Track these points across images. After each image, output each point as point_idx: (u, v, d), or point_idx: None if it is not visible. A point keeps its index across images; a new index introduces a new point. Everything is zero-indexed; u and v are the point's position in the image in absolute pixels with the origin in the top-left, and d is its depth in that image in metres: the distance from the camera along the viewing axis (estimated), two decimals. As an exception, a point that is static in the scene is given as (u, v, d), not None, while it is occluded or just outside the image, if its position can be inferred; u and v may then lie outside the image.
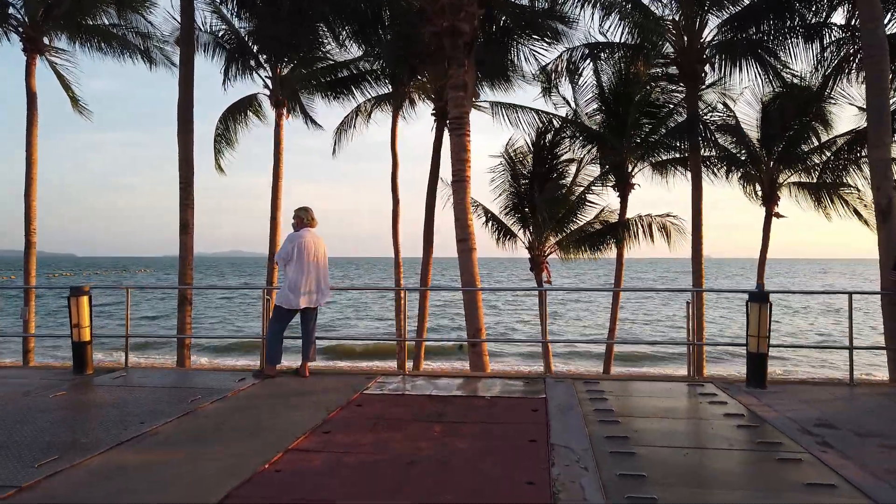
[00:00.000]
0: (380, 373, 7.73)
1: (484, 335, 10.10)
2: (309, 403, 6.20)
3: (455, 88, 10.24)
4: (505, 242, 17.59)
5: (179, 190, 12.10)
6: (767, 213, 16.40)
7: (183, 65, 12.47)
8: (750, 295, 6.92)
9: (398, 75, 16.66)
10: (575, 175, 17.23)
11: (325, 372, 7.97)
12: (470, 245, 10.22)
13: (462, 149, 10.27)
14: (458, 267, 10.23)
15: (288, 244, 7.52)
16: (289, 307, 7.43)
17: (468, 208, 10.33)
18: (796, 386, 7.00)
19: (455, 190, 10.36)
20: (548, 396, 6.47)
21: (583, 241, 17.15)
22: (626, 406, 6.07)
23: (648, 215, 16.97)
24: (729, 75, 15.95)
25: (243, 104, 18.53)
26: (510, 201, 17.40)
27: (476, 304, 10.03)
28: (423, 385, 7.11)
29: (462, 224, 10.27)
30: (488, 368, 10.03)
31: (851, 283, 78.73)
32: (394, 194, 17.79)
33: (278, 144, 17.84)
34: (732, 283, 79.36)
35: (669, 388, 6.93)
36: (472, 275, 10.11)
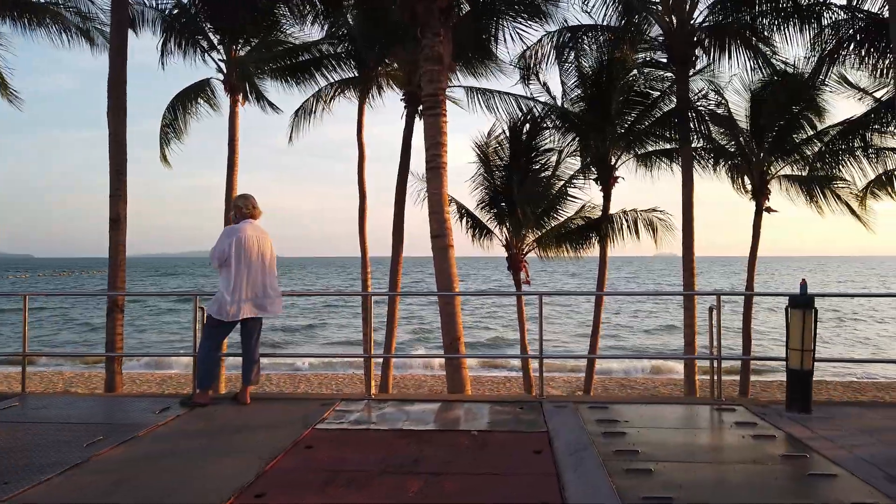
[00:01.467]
0: (339, 397, 6.28)
1: (463, 346, 8.75)
2: (242, 446, 4.72)
3: (429, 61, 8.83)
4: (481, 240, 16.26)
5: (110, 178, 10.44)
6: (758, 207, 15.36)
7: (114, 32, 10.80)
8: (791, 300, 5.65)
9: (365, 58, 15.15)
10: (555, 167, 15.96)
11: (272, 397, 6.48)
12: (447, 241, 8.83)
13: (438, 131, 8.87)
14: (434, 267, 8.84)
15: (224, 239, 6.02)
16: (225, 318, 5.93)
17: (445, 200, 8.94)
18: (845, 409, 5.76)
19: (430, 179, 8.96)
20: (550, 430, 5.10)
21: (564, 238, 15.90)
22: (651, 443, 4.73)
23: (634, 210, 15.80)
24: (718, 61, 14.86)
25: (194, 90, 16.77)
26: (486, 195, 16.06)
27: (454, 311, 8.65)
28: (392, 414, 5.67)
29: (438, 218, 8.87)
30: (468, 386, 8.68)
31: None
32: (360, 189, 16.26)
33: (233, 134, 16.16)
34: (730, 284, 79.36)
35: (695, 414, 5.62)
36: (450, 276, 8.73)
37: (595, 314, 15.68)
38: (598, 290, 15.92)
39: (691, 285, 13.38)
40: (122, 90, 10.71)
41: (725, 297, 58.55)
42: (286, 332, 33.46)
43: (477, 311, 42.50)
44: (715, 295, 6.08)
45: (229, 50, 15.93)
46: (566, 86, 15.57)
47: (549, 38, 15.27)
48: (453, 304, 8.74)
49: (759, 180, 15.35)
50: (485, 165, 16.00)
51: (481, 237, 16.30)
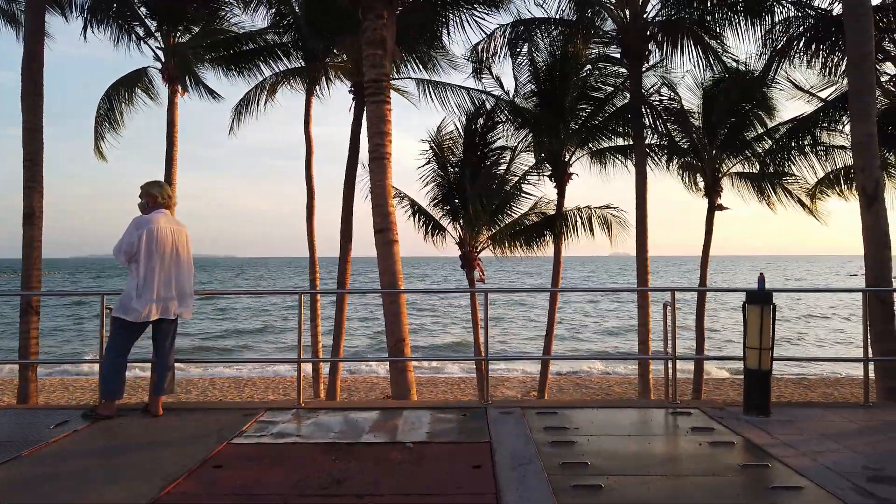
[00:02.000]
0: (265, 406, 5.67)
1: (409, 347, 8.21)
2: (141, 467, 4.09)
3: (371, 45, 8.25)
4: (433, 237, 15.75)
5: (23, 169, 9.53)
6: (710, 204, 15.26)
7: (30, 13, 9.90)
8: (748, 295, 5.30)
9: (313, 48, 14.45)
10: (509, 163, 15.57)
11: (189, 407, 5.82)
12: (391, 237, 8.27)
13: (381, 119, 8.31)
14: (378, 264, 8.29)
15: (133, 231, 5.34)
16: (134, 319, 5.26)
17: (389, 192, 8.38)
18: (805, 410, 5.44)
19: (373, 170, 8.39)
20: (493, 440, 4.61)
21: (518, 235, 15.52)
22: (603, 453, 4.29)
23: (588, 207, 15.53)
24: (671, 57, 14.70)
25: (131, 79, 15.82)
26: (439, 191, 15.56)
27: (399, 310, 8.11)
28: (322, 425, 5.10)
29: (382, 211, 8.31)
30: (414, 390, 8.14)
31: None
32: (308, 186, 15.57)
33: (172, 126, 15.27)
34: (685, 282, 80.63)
35: (649, 419, 5.22)
36: (395, 273, 8.18)
37: (549, 313, 15.35)
38: (552, 287, 15.59)
39: (645, 283, 13.14)
40: (39, 75, 9.83)
41: (680, 294, 61.31)
42: (237, 335, 32.28)
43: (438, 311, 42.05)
44: (669, 291, 5.70)
45: (167, 37, 15.05)
46: (519, 81, 15.20)
47: (501, 31, 14.88)
48: (398, 304, 8.19)
49: (711, 178, 15.26)
50: (438, 161, 15.52)
51: (434, 234, 15.80)
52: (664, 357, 5.83)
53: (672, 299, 5.63)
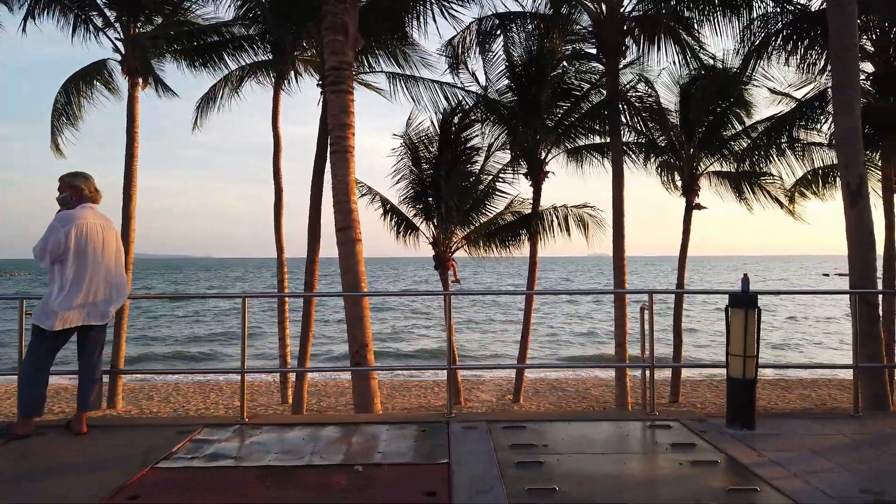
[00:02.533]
0: (204, 422, 5.11)
1: (372, 353, 7.68)
2: (47, 497, 3.52)
3: (332, 30, 7.72)
4: (406, 237, 15.25)
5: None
6: (688, 203, 14.96)
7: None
8: (731, 298, 4.88)
9: (280, 41, 13.85)
10: (485, 161, 15.12)
11: (118, 424, 5.25)
12: (353, 235, 7.74)
13: (343, 110, 7.78)
14: (339, 264, 7.75)
15: (59, 229, 4.75)
16: (53, 327, 4.68)
17: (352, 188, 7.86)
18: (791, 422, 5.03)
19: (334, 163, 7.86)
20: (452, 461, 4.11)
21: (493, 235, 15.07)
22: (574, 476, 3.82)
23: (564, 206, 15.14)
24: (648, 54, 14.37)
25: (90, 72, 15.09)
26: (412, 189, 15.07)
27: (362, 314, 7.58)
28: (264, 444, 4.56)
29: (344, 208, 7.78)
30: (378, 398, 7.62)
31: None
32: (276, 183, 14.96)
33: (132, 121, 14.57)
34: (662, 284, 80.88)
35: (625, 435, 4.76)
36: (357, 274, 7.66)
37: (525, 316, 14.94)
38: (528, 289, 15.16)
39: (622, 284, 12.76)
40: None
41: (658, 296, 60.30)
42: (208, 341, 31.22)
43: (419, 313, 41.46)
44: (647, 293, 5.25)
45: (127, 27, 14.36)
46: (493, 76, 14.77)
47: (477, 25, 14.43)
48: (360, 307, 7.67)
49: (688, 176, 14.97)
50: (411, 157, 15.02)
51: (407, 234, 15.30)
52: (641, 365, 5.38)
53: (650, 302, 5.19)
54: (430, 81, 13.48)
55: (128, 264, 14.52)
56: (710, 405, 13.31)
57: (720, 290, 5.42)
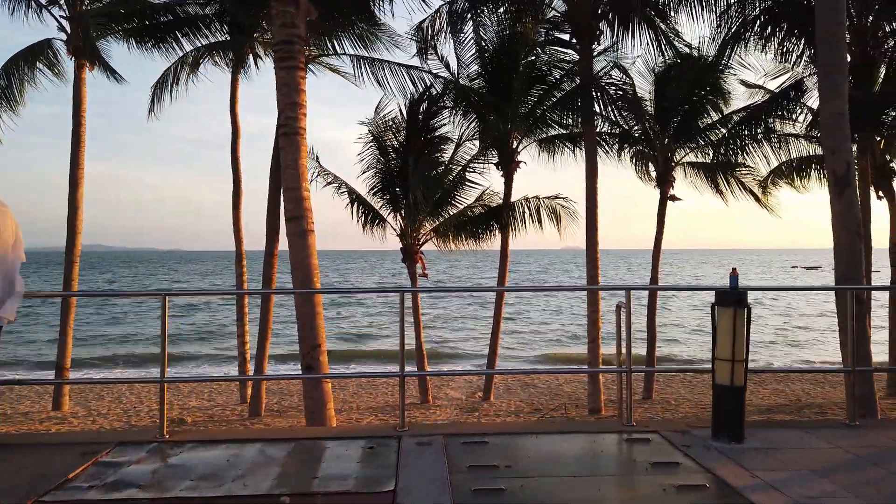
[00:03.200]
0: (116, 440, 4.40)
1: (325, 355, 7.01)
2: None
3: (282, 1, 7.00)
4: (373, 229, 14.56)
5: None
6: (662, 195, 14.51)
7: None
8: (718, 295, 4.32)
9: (240, 20, 12.98)
10: (454, 150, 14.49)
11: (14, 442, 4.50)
12: (305, 226, 7.05)
13: (294, 88, 7.07)
14: (290, 257, 7.06)
15: None
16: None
17: (303, 173, 7.16)
18: (782, 434, 4.50)
19: (283, 146, 7.15)
20: (399, 487, 3.49)
21: (463, 227, 14.46)
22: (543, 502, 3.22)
23: (536, 197, 14.58)
24: (622, 40, 13.85)
25: (32, 52, 14.06)
26: (379, 179, 14.38)
27: (314, 311, 6.91)
28: (181, 466, 3.88)
29: (294, 195, 7.08)
30: (330, 405, 6.95)
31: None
32: (235, 172, 14.12)
33: (79, 104, 13.64)
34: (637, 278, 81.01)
35: (600, 451, 4.18)
36: (309, 268, 6.98)
37: (495, 313, 14.38)
38: (499, 283, 14.59)
39: (595, 278, 12.26)
40: None
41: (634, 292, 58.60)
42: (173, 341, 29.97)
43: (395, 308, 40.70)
44: (624, 290, 4.67)
45: (73, 5, 13.39)
46: (463, 60, 14.11)
47: (448, 6, 13.76)
48: (313, 304, 7.00)
49: (663, 167, 14.51)
50: (378, 146, 14.32)
51: (374, 226, 14.60)
52: (617, 370, 4.81)
53: (627, 300, 4.61)
54: (397, 65, 12.75)
55: (74, 256, 13.61)
56: (685, 402, 12.90)
57: (706, 287, 4.90)
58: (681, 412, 11.89)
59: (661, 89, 14.27)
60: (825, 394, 14.14)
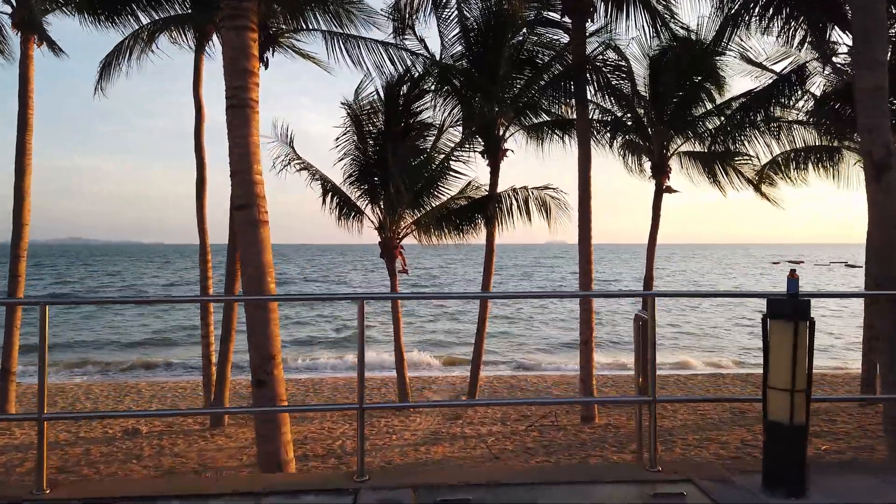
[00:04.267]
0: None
1: (281, 368, 5.88)
2: None
3: (228, -52, 5.87)
4: (349, 221, 13.43)
5: None
6: (657, 186, 13.53)
7: None
8: (772, 305, 3.28)
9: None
10: (437, 137, 13.38)
11: None
12: (256, 216, 5.93)
13: (243, 52, 5.92)
14: (239, 253, 5.92)
15: None
16: None
17: (255, 154, 6.03)
18: (851, 482, 3.48)
19: (231, 121, 6.01)
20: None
21: (446, 219, 13.37)
22: None
23: (525, 188, 13.51)
24: (616, 21, 12.80)
25: (-26, 27, 12.72)
26: (356, 168, 13.24)
27: (268, 317, 5.80)
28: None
29: (244, 179, 5.95)
30: (287, 427, 5.83)
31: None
32: (198, 158, 12.87)
33: (25, 83, 12.34)
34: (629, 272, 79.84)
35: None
36: (262, 266, 5.87)
37: (479, 317, 13.32)
38: (485, 280, 13.53)
39: (588, 272, 11.24)
40: None
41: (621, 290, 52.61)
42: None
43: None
44: (646, 297, 3.61)
45: (17, -26, 12.05)
46: (446, 40, 13.00)
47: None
48: (266, 309, 5.89)
49: (658, 156, 13.53)
50: (357, 131, 13.17)
51: (350, 218, 13.47)
52: (638, 400, 3.75)
53: (649, 308, 3.56)
54: (374, 42, 11.58)
55: (20, 250, 12.37)
56: (683, 408, 11.93)
57: (755, 293, 3.86)
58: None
59: (656, 74, 13.28)
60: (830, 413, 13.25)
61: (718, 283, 62.61)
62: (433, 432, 10.12)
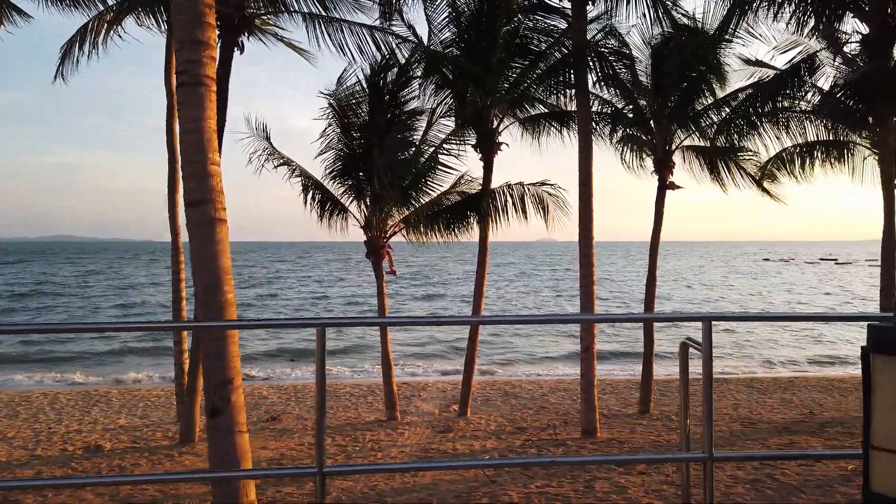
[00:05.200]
0: None
1: (241, 395, 4.92)
2: None
3: None
4: (332, 219, 12.50)
5: None
6: (661, 182, 12.69)
7: None
8: (876, 335, 2.39)
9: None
10: (426, 128, 12.47)
11: None
12: (212, 213, 4.97)
13: (195, 19, 4.95)
14: (191, 256, 4.99)
15: None
16: None
17: (211, 141, 5.07)
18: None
19: (182, 101, 5.03)
20: None
21: (436, 217, 12.47)
22: None
23: (520, 184, 12.62)
24: (615, 7, 11.90)
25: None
26: (339, 162, 12.30)
27: (224, 336, 4.85)
28: None
29: (197, 171, 4.99)
30: (247, 458, 4.88)
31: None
32: (170, 151, 11.85)
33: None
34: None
35: None
36: (217, 272, 4.93)
37: (471, 335, 12.41)
38: (478, 281, 12.62)
39: (590, 275, 10.35)
40: None
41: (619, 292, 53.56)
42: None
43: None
44: (700, 320, 2.72)
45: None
46: (435, 25, 12.06)
47: (416, -38, 11.69)
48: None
49: (662, 150, 12.68)
50: (340, 123, 12.23)
51: (334, 215, 12.54)
52: (686, 457, 2.85)
53: (705, 335, 2.67)
54: (358, 25, 10.63)
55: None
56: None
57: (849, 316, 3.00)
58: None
59: (659, 64, 12.42)
60: (837, 404, 12.52)
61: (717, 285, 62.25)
62: (423, 448, 9.22)
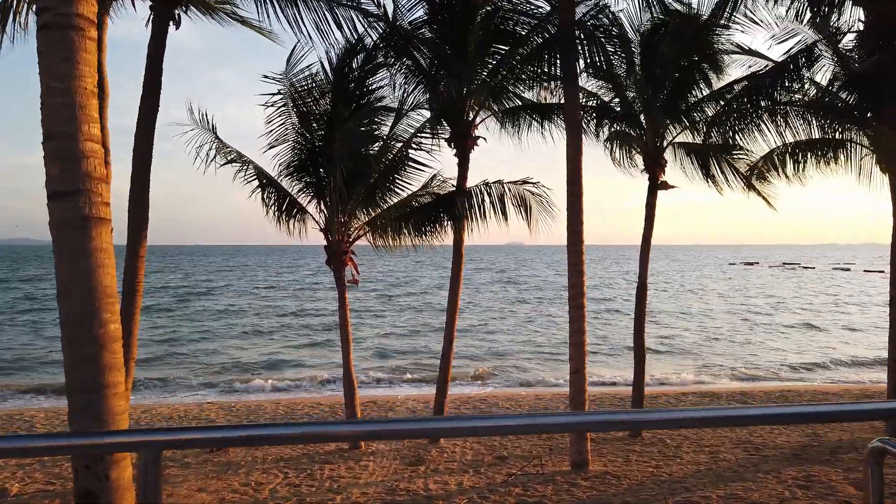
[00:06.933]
0: None
1: (129, 471, 3.50)
2: None
3: None
4: (290, 221, 11.00)
5: None
6: (652, 181, 11.54)
7: None
8: None
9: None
10: (395, 120, 11.07)
11: None
12: (85, 209, 3.48)
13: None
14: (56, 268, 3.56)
15: None
16: None
17: (86, 107, 3.55)
18: None
19: (43, 51, 3.57)
20: None
21: (405, 219, 11.08)
22: None
23: (500, 182, 11.30)
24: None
25: None
26: (296, 157, 10.83)
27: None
28: None
29: (64, 149, 3.48)
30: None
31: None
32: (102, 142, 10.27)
33: None
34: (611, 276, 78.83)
35: None
36: (92, 294, 3.46)
37: (447, 332, 11.08)
38: (452, 290, 11.27)
39: (580, 284, 9.08)
40: None
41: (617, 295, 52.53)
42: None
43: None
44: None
45: None
46: (404, 5, 10.67)
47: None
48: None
49: (653, 146, 11.52)
50: (297, 111, 10.77)
51: (291, 217, 11.05)
52: None
53: None
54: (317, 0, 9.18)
55: None
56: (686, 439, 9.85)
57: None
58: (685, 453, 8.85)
59: (650, 54, 11.27)
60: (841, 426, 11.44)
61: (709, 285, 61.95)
62: (389, 489, 7.80)
